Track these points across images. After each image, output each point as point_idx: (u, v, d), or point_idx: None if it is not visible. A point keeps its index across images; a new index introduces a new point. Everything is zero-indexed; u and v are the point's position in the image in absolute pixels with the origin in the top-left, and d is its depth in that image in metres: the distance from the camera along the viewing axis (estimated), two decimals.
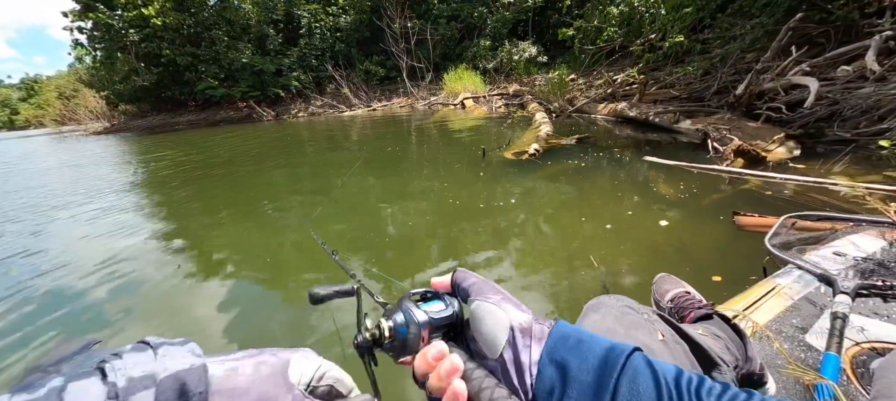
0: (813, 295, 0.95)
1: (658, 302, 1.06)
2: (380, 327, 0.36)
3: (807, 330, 0.87)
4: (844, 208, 1.94)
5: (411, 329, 0.35)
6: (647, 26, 8.20)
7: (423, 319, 0.35)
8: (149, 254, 2.45)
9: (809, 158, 2.89)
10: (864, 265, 0.92)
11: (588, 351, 0.29)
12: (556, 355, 0.29)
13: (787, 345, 0.85)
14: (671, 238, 1.95)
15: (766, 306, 0.98)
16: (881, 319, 0.80)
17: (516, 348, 0.31)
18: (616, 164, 3.42)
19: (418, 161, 4.58)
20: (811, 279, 0.98)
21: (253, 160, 5.62)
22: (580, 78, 9.58)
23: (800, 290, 0.98)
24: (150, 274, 2.16)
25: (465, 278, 0.37)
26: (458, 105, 10.33)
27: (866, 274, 0.88)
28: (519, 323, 0.32)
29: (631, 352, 0.28)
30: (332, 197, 3.42)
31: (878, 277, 0.85)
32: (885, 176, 2.28)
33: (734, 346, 0.69)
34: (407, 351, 0.35)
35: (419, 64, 14.17)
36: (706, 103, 5.12)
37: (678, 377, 0.26)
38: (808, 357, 0.82)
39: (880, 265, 0.90)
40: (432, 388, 0.31)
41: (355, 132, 8.14)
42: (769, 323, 0.92)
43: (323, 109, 14.67)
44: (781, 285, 1.00)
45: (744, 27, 5.53)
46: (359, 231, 2.55)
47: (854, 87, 3.44)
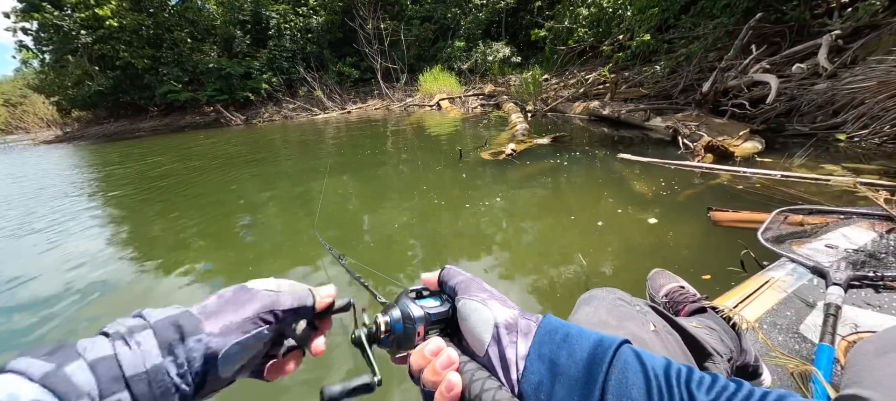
0: (806, 287, 0.95)
1: (653, 297, 1.06)
2: (376, 322, 0.36)
3: (801, 322, 0.87)
4: (812, 200, 2.01)
5: (407, 325, 0.35)
6: (615, 27, 8.42)
7: (419, 314, 0.35)
8: (110, 280, 2.24)
9: (773, 153, 3.00)
10: (856, 257, 0.93)
11: (576, 345, 0.28)
12: (543, 350, 0.29)
13: (782, 337, 0.85)
14: (651, 235, 1.95)
15: (760, 299, 0.98)
16: (873, 309, 0.81)
17: (501, 344, 0.31)
18: (592, 162, 3.45)
19: (397, 164, 4.48)
20: (804, 272, 0.98)
21: (222, 167, 5.34)
22: (554, 78, 9.73)
23: (793, 283, 0.98)
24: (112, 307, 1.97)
25: (452, 277, 0.37)
26: (434, 106, 10.26)
27: (858, 265, 0.88)
28: (504, 320, 0.32)
29: (619, 345, 0.28)
30: (309, 202, 3.28)
31: (870, 268, 0.86)
32: (843, 168, 2.39)
33: (729, 338, 0.70)
34: (403, 346, 0.36)
35: (394, 65, 14.02)
36: (674, 101, 5.28)
37: (667, 369, 0.26)
38: (803, 348, 0.82)
39: (871, 256, 0.91)
40: (427, 381, 0.31)
41: (330, 135, 7.92)
42: (764, 316, 0.92)
43: (295, 113, 14.25)
44: (775, 279, 1.00)
45: (706, 27, 5.76)
46: (342, 234, 2.43)
47: (809, 84, 3.62)
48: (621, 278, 1.64)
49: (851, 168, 2.40)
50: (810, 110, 3.39)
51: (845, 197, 2.00)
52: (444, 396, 0.30)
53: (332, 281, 2.04)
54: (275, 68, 15.51)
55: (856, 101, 2.95)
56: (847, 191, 2.00)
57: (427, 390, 0.32)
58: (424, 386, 0.32)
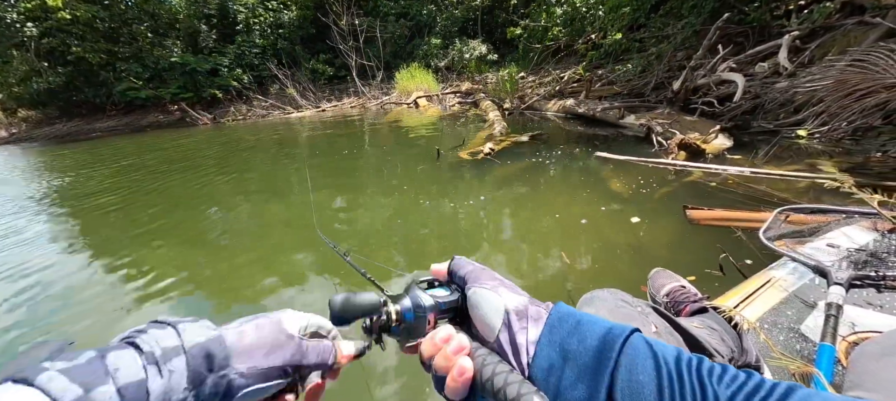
0: (807, 287, 0.95)
1: (654, 297, 1.05)
2: (388, 311, 0.37)
3: (802, 322, 0.86)
4: (783, 197, 2.08)
5: (418, 313, 0.36)
6: (589, 25, 8.57)
7: (429, 303, 0.36)
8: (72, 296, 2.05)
9: (741, 149, 3.11)
10: (858, 256, 0.93)
11: (587, 332, 0.29)
12: (554, 336, 0.30)
13: (783, 336, 0.84)
14: (634, 234, 1.96)
15: (761, 299, 0.97)
16: (875, 309, 0.81)
17: (512, 329, 0.32)
18: (570, 160, 3.47)
19: (376, 164, 4.37)
20: (805, 271, 0.98)
21: (189, 170, 5.05)
22: (530, 76, 9.81)
23: (794, 282, 0.98)
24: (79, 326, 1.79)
25: (461, 267, 0.38)
26: (411, 104, 10.14)
27: (860, 265, 0.88)
28: (514, 306, 0.33)
29: (630, 333, 0.28)
30: (288, 204, 3.13)
31: (872, 267, 0.86)
32: (807, 163, 2.50)
33: (730, 338, 0.70)
34: (414, 335, 0.37)
35: (369, 63, 13.77)
36: (646, 99, 5.42)
37: (678, 358, 0.26)
38: (804, 348, 0.81)
39: (873, 256, 0.91)
40: (438, 366, 0.32)
41: (305, 134, 7.67)
42: (765, 315, 0.92)
43: (267, 111, 13.75)
44: (776, 278, 1.00)
45: (675, 27, 5.94)
46: (326, 237, 2.32)
47: (771, 83, 3.79)
48: (610, 277, 1.64)
49: (811, 163, 2.51)
50: (773, 108, 3.54)
51: (812, 192, 2.08)
52: (456, 380, 0.30)
53: (335, 275, 1.95)
54: (244, 65, 14.88)
55: (815, 99, 3.10)
56: (815, 186, 2.09)
57: (439, 375, 0.32)
58: (436, 372, 0.32)
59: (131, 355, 0.28)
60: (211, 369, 0.31)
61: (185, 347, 0.31)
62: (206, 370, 0.31)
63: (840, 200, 1.36)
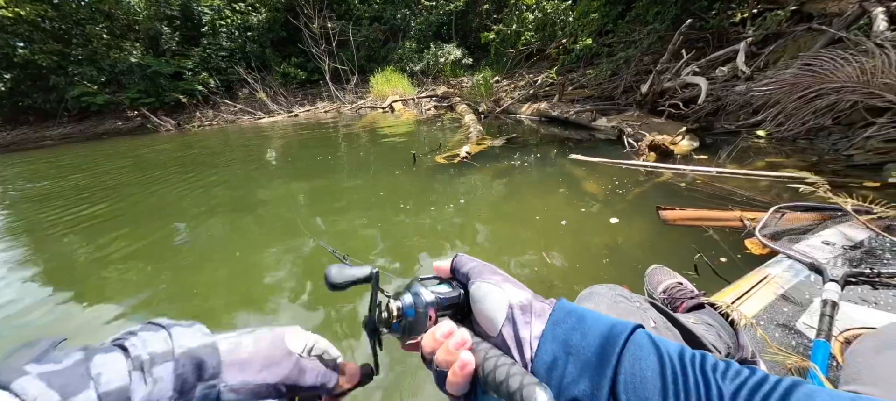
0: (803, 284, 0.97)
1: (651, 293, 1.06)
2: (388, 307, 0.37)
3: (798, 318, 0.88)
4: (747, 196, 2.17)
5: (419, 309, 0.36)
6: (560, 31, 8.79)
7: (430, 299, 0.36)
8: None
9: (706, 149, 3.25)
10: (853, 253, 0.95)
11: (590, 328, 0.29)
12: (557, 331, 0.30)
13: (779, 333, 0.85)
14: (613, 235, 1.99)
15: (758, 295, 0.98)
16: (869, 305, 0.83)
17: (515, 324, 0.31)
18: (546, 162, 3.52)
19: (352, 169, 4.27)
20: (801, 268, 1.00)
21: (151, 178, 4.75)
22: (504, 79, 9.94)
23: (790, 279, 0.99)
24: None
25: (464, 263, 0.38)
26: (386, 108, 10.05)
27: (855, 262, 0.91)
28: (518, 301, 0.33)
29: (633, 329, 0.28)
30: (262, 214, 2.99)
31: (867, 265, 0.88)
32: (769, 163, 2.64)
33: (726, 334, 0.71)
34: (414, 331, 0.36)
35: (343, 66, 13.54)
36: (616, 102, 5.60)
37: (682, 353, 0.26)
38: (799, 344, 0.83)
39: (868, 253, 0.94)
40: (440, 361, 0.32)
41: (277, 140, 7.42)
42: (761, 311, 0.93)
43: (236, 116, 13.25)
44: (772, 275, 1.02)
45: (641, 33, 6.18)
46: (300, 243, 2.22)
47: (731, 86, 3.99)
48: (592, 278, 1.65)
49: (774, 162, 2.65)
50: (734, 110, 3.73)
51: (773, 191, 2.19)
52: (458, 373, 0.30)
53: (321, 283, 1.87)
54: (210, 68, 14.29)
55: (771, 101, 3.28)
56: (777, 183, 2.20)
57: (440, 370, 0.32)
58: (438, 367, 0.32)
59: (117, 359, 0.27)
60: (200, 378, 0.30)
61: (174, 352, 0.29)
62: (195, 379, 0.29)
63: (800, 198, 1.43)
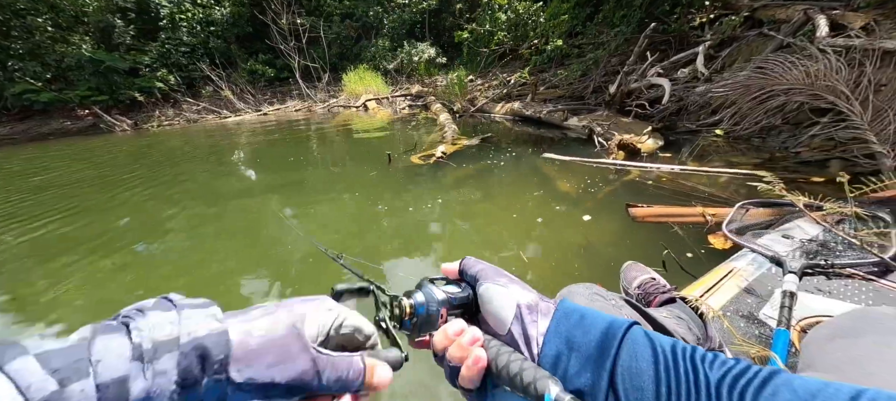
0: (765, 276, 1.03)
1: (626, 289, 1.10)
2: (401, 304, 0.37)
3: (760, 309, 0.93)
4: (707, 192, 2.30)
5: (431, 307, 0.37)
6: (531, 32, 8.95)
7: (441, 297, 0.37)
8: None
9: (670, 148, 3.41)
10: (809, 246, 1.02)
11: (590, 325, 0.31)
12: (561, 328, 0.33)
13: (743, 323, 0.90)
14: (587, 232, 2.06)
15: (724, 288, 1.04)
16: (824, 295, 0.90)
17: (523, 322, 0.34)
18: (520, 161, 3.58)
19: (326, 170, 4.17)
20: (763, 261, 1.06)
21: (105, 182, 4.45)
22: (478, 79, 10.02)
23: (754, 272, 1.05)
24: None
25: (472, 265, 0.40)
26: (360, 108, 9.89)
27: (811, 255, 0.98)
28: (525, 301, 0.35)
29: (630, 325, 0.30)
30: (228, 220, 2.86)
31: (822, 257, 0.95)
32: (727, 161, 2.80)
33: (696, 326, 0.75)
34: (425, 328, 0.37)
35: (314, 64, 13.19)
36: (586, 102, 5.77)
37: (674, 347, 0.29)
38: (762, 333, 0.88)
39: (823, 246, 1.01)
40: (452, 357, 0.34)
41: (245, 140, 7.13)
42: (728, 303, 0.98)
43: (200, 115, 12.62)
44: (738, 268, 1.07)
45: (608, 35, 6.39)
46: (273, 249, 2.14)
47: (692, 87, 4.21)
48: (568, 275, 1.69)
49: (731, 160, 2.83)
50: (695, 110, 3.94)
51: (731, 187, 2.34)
52: (471, 369, 0.32)
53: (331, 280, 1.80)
54: (170, 64, 13.52)
55: (728, 101, 3.49)
56: (735, 179, 2.34)
57: (453, 366, 0.34)
58: (450, 362, 0.34)
59: (120, 344, 0.25)
60: (205, 372, 0.27)
61: (180, 341, 0.27)
62: (200, 373, 0.27)
63: (758, 195, 1.53)
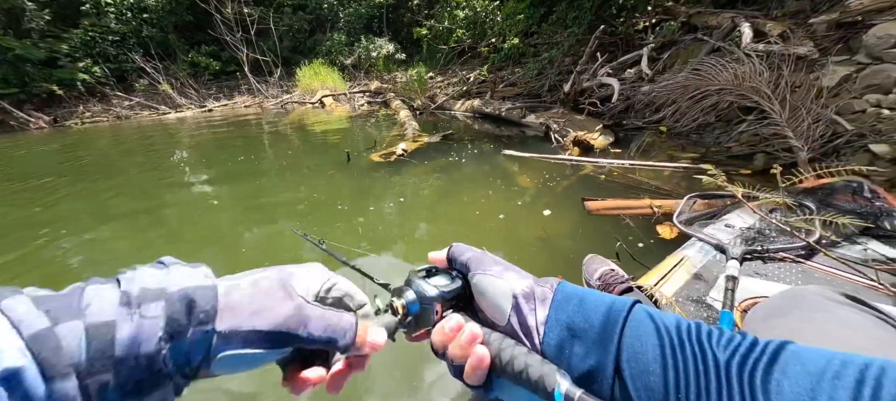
0: (712, 263, 1.11)
1: (588, 281, 1.15)
2: (392, 305, 0.37)
3: (708, 293, 1.00)
4: (654, 185, 2.46)
5: (424, 304, 0.36)
6: (489, 30, 9.08)
7: (433, 293, 0.36)
8: None
9: (619, 144, 3.62)
10: (748, 234, 1.12)
11: (591, 309, 0.30)
12: (561, 315, 0.31)
13: (694, 308, 0.97)
14: (547, 226, 2.11)
15: (676, 276, 1.11)
16: (761, 278, 0.98)
17: (521, 312, 0.32)
18: (482, 158, 3.62)
19: (281, 169, 3.95)
20: (710, 249, 1.14)
21: (20, 189, 3.89)
22: (438, 76, 10.01)
23: (701, 259, 1.13)
24: None
25: (462, 253, 0.38)
26: (316, 104, 9.51)
27: (750, 241, 1.07)
28: (521, 289, 0.33)
29: (631, 306, 0.30)
30: (171, 226, 2.61)
31: (759, 243, 1.05)
32: (670, 155, 3.02)
33: None
34: (420, 325, 0.37)
35: (264, 58, 12.48)
36: (542, 100, 5.96)
37: (678, 325, 0.28)
38: (710, 316, 0.95)
39: (759, 233, 1.11)
40: (454, 355, 0.32)
41: (189, 139, 6.58)
42: (679, 290, 1.05)
43: (134, 111, 11.48)
44: (688, 257, 1.15)
45: (562, 35, 6.64)
46: (224, 253, 1.98)
47: (638, 86, 4.49)
48: (531, 269, 1.72)
49: (673, 154, 3.05)
50: (640, 108, 4.20)
51: (674, 180, 2.52)
52: (475, 368, 0.31)
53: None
54: (96, 54, 12.16)
55: (669, 100, 3.76)
56: (677, 173, 2.52)
57: (456, 364, 0.32)
58: (452, 361, 0.33)
59: (111, 291, 0.26)
60: (191, 321, 0.27)
61: (167, 290, 0.27)
62: (187, 322, 0.27)
63: (702, 187, 1.65)
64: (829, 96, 2.78)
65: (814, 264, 0.98)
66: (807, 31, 3.40)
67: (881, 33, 2.74)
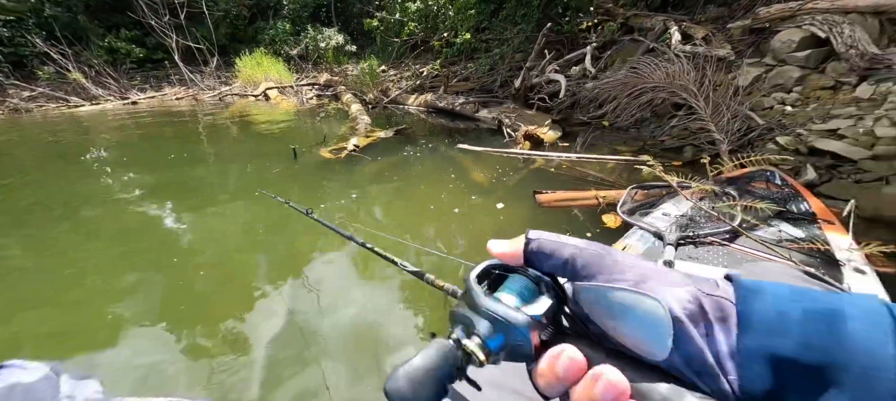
0: (652, 249, 1.17)
1: None
2: (466, 350, 0.25)
3: None
4: (598, 177, 2.59)
5: (514, 338, 0.24)
6: (441, 24, 9.06)
7: (522, 320, 0.24)
8: None
9: (567, 138, 3.78)
10: (681, 221, 1.19)
11: (808, 324, 0.19)
12: (764, 340, 0.20)
13: None
14: (499, 219, 2.14)
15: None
16: (693, 261, 1.05)
17: (690, 343, 0.21)
18: (436, 153, 3.60)
19: (220, 168, 3.64)
20: (650, 236, 1.20)
21: None
22: (391, 69, 9.82)
23: (642, 246, 1.19)
24: None
25: (553, 249, 0.26)
26: (260, 96, 8.91)
27: (683, 228, 1.15)
28: (682, 307, 0.21)
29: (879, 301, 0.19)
30: (89, 229, 2.28)
31: (690, 229, 1.13)
32: (613, 148, 3.20)
33: None
34: (510, 359, 0.25)
35: (198, 45, 11.42)
36: (495, 94, 6.07)
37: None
38: None
39: (692, 220, 1.19)
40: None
41: (108, 135, 5.83)
42: None
43: (36, 104, 9.97)
44: (630, 244, 1.20)
45: (512, 32, 6.80)
46: (160, 255, 1.76)
47: (583, 83, 4.72)
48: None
49: (615, 148, 3.24)
50: (585, 104, 4.42)
51: (617, 171, 2.68)
52: None
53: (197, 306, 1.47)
54: None
55: (610, 97, 3.99)
56: (619, 165, 2.68)
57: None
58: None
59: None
60: None
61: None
62: None
63: (641, 177, 1.77)
64: (744, 94, 3.11)
65: (737, 246, 1.08)
66: (725, 35, 3.77)
67: (785, 38, 3.11)
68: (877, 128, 2.33)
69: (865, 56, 2.66)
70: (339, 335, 1.41)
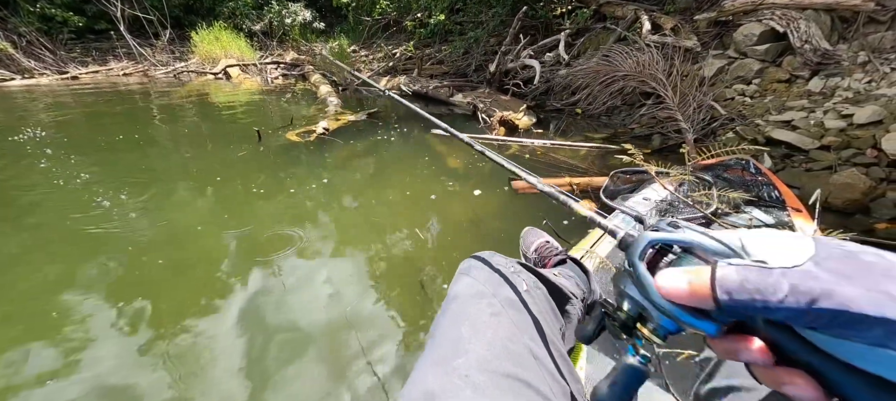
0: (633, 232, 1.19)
1: (525, 253, 1.19)
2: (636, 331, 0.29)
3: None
4: (572, 164, 2.63)
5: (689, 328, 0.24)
6: (415, 3, 8.79)
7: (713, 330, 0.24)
8: None
9: (542, 125, 3.80)
10: (661, 206, 1.23)
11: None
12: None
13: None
14: (477, 207, 2.12)
15: (602, 245, 1.20)
16: None
17: None
18: (410, 137, 3.52)
19: (176, 151, 3.37)
20: (631, 220, 1.22)
21: None
22: (362, 49, 9.48)
23: (625, 229, 1.21)
24: None
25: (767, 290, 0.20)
26: (220, 75, 8.35)
27: (662, 212, 1.18)
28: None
29: None
30: (32, 228, 2.03)
31: (669, 214, 1.16)
32: (586, 136, 3.25)
33: (582, 281, 0.82)
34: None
35: (148, 16, 10.49)
36: (469, 79, 6.01)
37: None
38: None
39: (671, 205, 1.22)
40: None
41: (44, 114, 5.26)
42: (606, 258, 1.13)
43: None
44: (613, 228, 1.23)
45: (487, 14, 6.71)
46: (111, 255, 1.59)
47: (556, 70, 4.75)
48: (463, 248, 1.71)
49: (587, 135, 3.30)
50: (559, 90, 4.46)
51: (589, 158, 2.72)
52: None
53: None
54: None
55: (583, 84, 4.04)
56: (591, 152, 2.72)
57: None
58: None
59: None
60: None
61: None
62: None
63: (610, 164, 1.80)
64: (708, 85, 3.24)
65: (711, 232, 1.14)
66: (692, 26, 3.89)
67: (746, 31, 3.24)
68: (826, 120, 2.49)
69: (818, 51, 2.83)
70: (308, 326, 1.35)
